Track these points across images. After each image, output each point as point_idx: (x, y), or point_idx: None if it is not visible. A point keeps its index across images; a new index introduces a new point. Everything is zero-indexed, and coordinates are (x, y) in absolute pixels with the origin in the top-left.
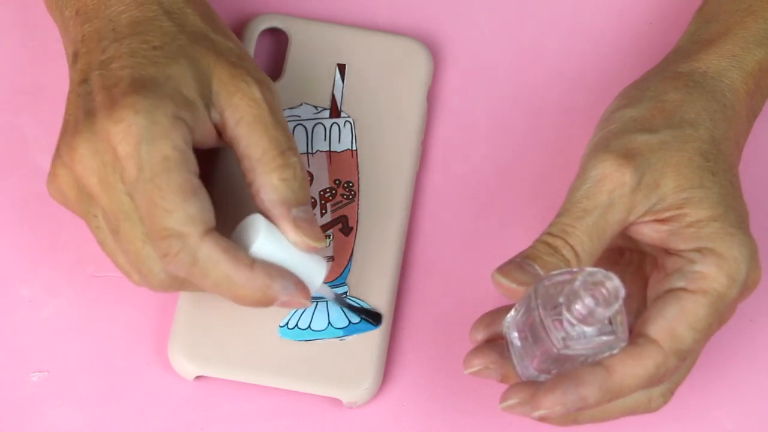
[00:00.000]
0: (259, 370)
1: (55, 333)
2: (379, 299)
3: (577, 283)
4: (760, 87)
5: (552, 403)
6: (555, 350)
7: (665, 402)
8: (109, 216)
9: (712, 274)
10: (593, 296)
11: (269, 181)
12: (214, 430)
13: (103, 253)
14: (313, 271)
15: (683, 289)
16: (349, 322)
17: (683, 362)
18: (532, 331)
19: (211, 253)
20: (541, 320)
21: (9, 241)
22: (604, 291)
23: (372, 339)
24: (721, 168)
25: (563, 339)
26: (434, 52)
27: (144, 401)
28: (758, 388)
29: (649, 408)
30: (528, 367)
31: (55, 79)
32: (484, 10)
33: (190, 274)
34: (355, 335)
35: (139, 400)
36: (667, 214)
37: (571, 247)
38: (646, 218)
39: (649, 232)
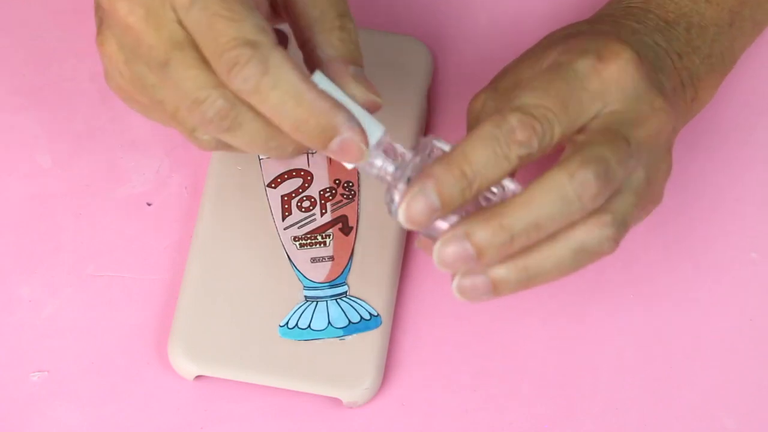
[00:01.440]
0: (259, 370)
1: (55, 333)
2: (379, 299)
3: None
4: (653, 11)
5: (408, 200)
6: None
7: (594, 173)
8: (157, 53)
9: (552, 60)
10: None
11: (327, 39)
12: (214, 430)
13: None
14: (371, 125)
15: None
16: (349, 321)
17: (532, 119)
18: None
19: (282, 62)
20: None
21: (9, 241)
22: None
23: (372, 339)
24: (575, 36)
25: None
26: (434, 52)
27: (144, 401)
28: (759, 386)
29: (575, 184)
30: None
31: (55, 79)
32: (484, 10)
33: (257, 87)
34: (355, 335)
35: (139, 400)
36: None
37: None
38: None
39: None
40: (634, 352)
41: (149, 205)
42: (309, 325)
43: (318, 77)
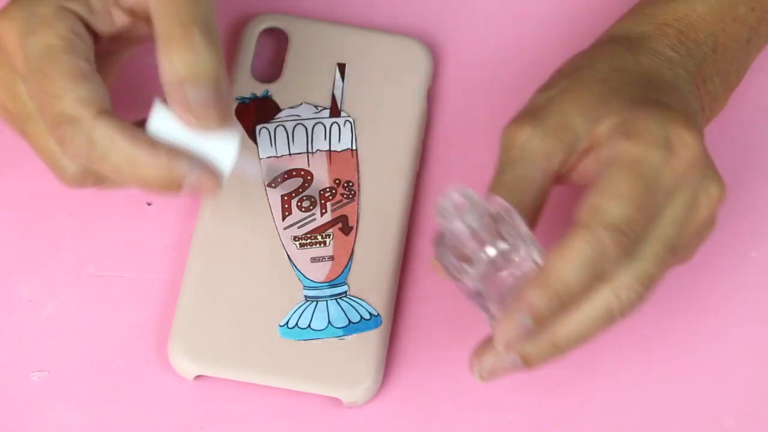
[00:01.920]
0: (259, 370)
1: (55, 333)
2: (379, 299)
3: (438, 214)
4: (686, 33)
5: (504, 328)
6: (476, 286)
7: (638, 294)
8: (16, 123)
9: (623, 148)
10: (458, 216)
11: (166, 58)
12: (214, 430)
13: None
14: (222, 151)
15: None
16: (349, 321)
17: (623, 237)
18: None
19: (107, 133)
20: (452, 268)
21: (9, 240)
22: (454, 202)
23: (372, 339)
24: (624, 83)
25: (475, 272)
26: (434, 52)
27: (144, 401)
28: (759, 386)
29: (622, 305)
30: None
31: None
32: (484, 10)
33: (90, 160)
34: (354, 335)
35: (139, 400)
36: (587, 144)
37: None
38: (574, 159)
39: (584, 169)
40: (634, 352)
41: (149, 205)
42: (309, 325)
43: (157, 113)
